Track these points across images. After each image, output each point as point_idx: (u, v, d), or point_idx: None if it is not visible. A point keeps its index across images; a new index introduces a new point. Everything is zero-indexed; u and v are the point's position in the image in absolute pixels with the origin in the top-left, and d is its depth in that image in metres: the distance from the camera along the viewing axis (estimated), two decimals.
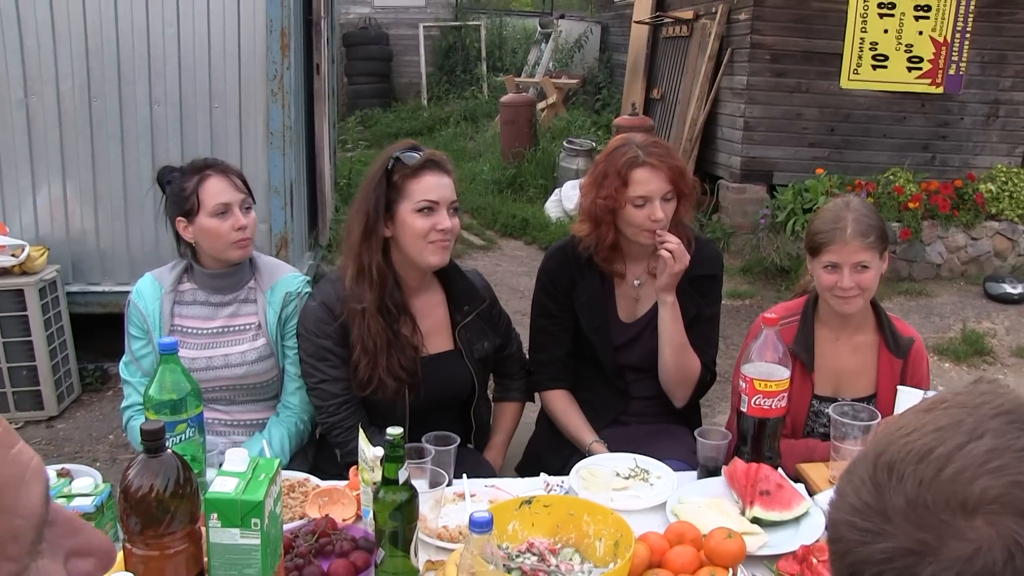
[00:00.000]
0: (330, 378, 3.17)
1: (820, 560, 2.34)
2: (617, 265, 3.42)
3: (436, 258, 3.12)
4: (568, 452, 3.34)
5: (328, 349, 3.16)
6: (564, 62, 17.09)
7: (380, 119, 17.62)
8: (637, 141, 3.31)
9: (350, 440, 3.15)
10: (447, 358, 3.30)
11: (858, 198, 3.31)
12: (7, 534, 0.80)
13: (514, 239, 10.92)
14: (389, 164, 3.09)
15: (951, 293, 9.24)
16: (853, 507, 0.88)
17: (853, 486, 0.90)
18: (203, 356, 3.26)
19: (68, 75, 6.04)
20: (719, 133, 10.55)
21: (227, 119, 6.20)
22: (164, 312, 3.28)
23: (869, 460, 0.90)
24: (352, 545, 2.42)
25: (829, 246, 3.13)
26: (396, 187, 3.08)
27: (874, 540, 0.84)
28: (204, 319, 3.32)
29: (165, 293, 3.30)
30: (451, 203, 3.14)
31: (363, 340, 3.10)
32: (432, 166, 3.11)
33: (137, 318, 3.30)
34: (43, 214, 6.24)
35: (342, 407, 3.19)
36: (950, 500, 0.80)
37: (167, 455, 1.93)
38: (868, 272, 3.13)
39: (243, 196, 3.24)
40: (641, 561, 2.35)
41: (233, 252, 3.25)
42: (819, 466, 3.06)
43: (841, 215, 3.15)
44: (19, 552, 0.81)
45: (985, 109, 10.15)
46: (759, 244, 9.55)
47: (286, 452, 3.27)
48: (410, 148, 3.13)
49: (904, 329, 3.34)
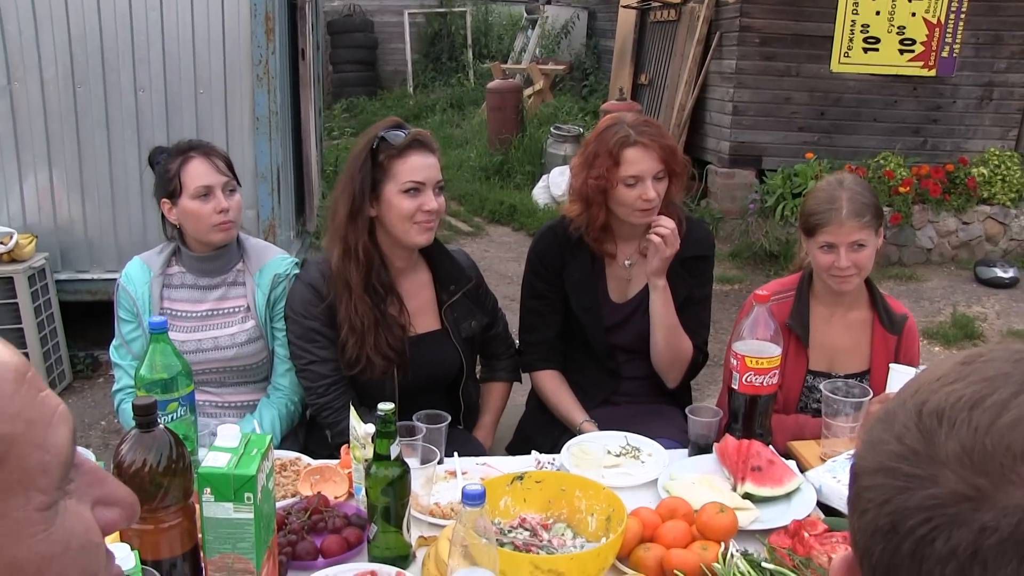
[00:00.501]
0: (319, 359, 3.17)
1: (812, 534, 2.34)
2: (608, 245, 3.41)
3: (422, 238, 3.11)
4: (558, 432, 3.34)
5: (316, 330, 3.16)
6: (551, 48, 17.05)
7: (366, 107, 17.58)
8: (628, 120, 3.29)
9: (340, 421, 3.16)
10: (434, 337, 3.29)
11: (851, 176, 3.30)
12: (37, 467, 0.85)
13: (502, 225, 10.91)
14: (374, 143, 3.07)
15: (941, 277, 9.25)
16: (896, 454, 0.86)
17: (893, 433, 0.88)
18: (193, 339, 3.25)
19: (51, 62, 6.00)
20: (707, 118, 10.53)
21: (213, 105, 6.17)
22: (154, 296, 3.27)
23: (910, 408, 0.88)
24: (344, 521, 2.42)
25: (825, 227, 3.12)
26: (382, 167, 3.06)
27: (922, 486, 0.82)
28: (193, 302, 3.31)
29: (154, 277, 3.29)
30: (436, 183, 3.12)
31: (350, 319, 3.10)
32: (417, 146, 3.08)
33: (126, 302, 3.29)
34: (30, 202, 6.21)
35: (331, 388, 3.19)
36: (1011, 446, 0.79)
37: (159, 430, 1.92)
38: (864, 251, 3.13)
39: (226, 179, 3.22)
40: (633, 536, 2.36)
41: (215, 235, 3.24)
42: (810, 443, 3.07)
43: (835, 195, 3.14)
44: (48, 485, 0.86)
45: (978, 92, 10.12)
46: (748, 229, 9.55)
47: (277, 433, 3.27)
48: (395, 127, 3.11)
49: (896, 306, 3.35)
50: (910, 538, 0.82)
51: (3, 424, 0.82)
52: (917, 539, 0.81)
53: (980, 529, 0.77)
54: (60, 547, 0.87)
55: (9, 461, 0.82)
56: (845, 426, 2.89)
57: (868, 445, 0.91)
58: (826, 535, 2.33)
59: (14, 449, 0.82)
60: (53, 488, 0.87)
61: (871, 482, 0.87)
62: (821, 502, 2.66)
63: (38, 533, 0.85)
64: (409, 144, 3.06)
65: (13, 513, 0.83)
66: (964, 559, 0.78)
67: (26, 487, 0.84)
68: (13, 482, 0.83)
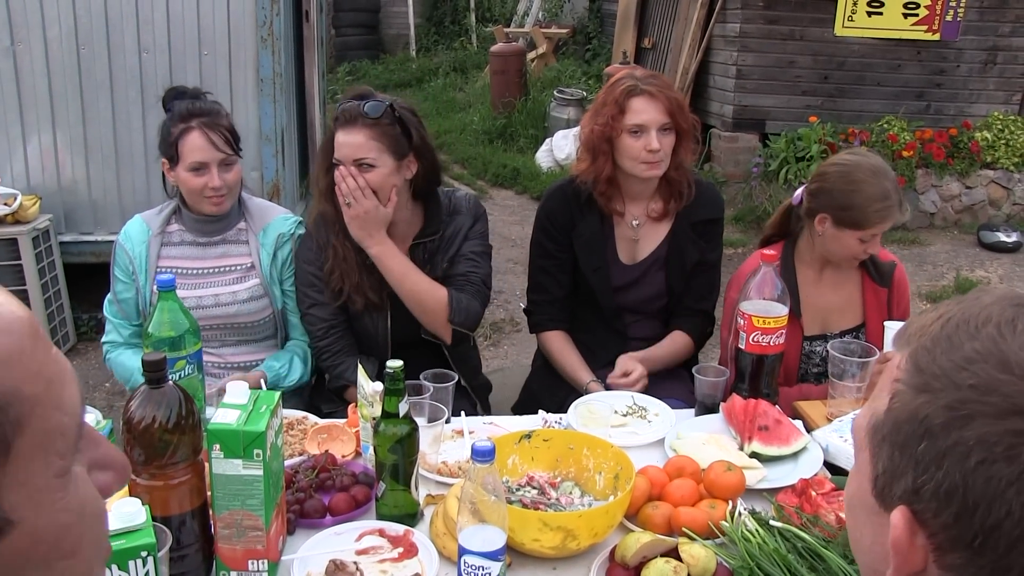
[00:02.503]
0: (317, 302, 3.26)
1: (819, 493, 2.35)
2: (615, 203, 3.40)
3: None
4: (565, 392, 3.34)
5: (314, 274, 3.25)
6: (554, 12, 16.95)
7: (369, 71, 17.50)
8: (636, 74, 3.31)
9: (337, 364, 3.26)
10: None
11: (877, 157, 3.25)
12: (56, 429, 0.82)
13: (505, 189, 10.88)
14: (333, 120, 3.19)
15: (944, 242, 9.23)
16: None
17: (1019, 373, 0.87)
18: (193, 296, 3.26)
19: (55, 22, 5.95)
20: (711, 82, 10.48)
21: (217, 66, 6.14)
22: (151, 255, 3.29)
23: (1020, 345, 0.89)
24: (352, 480, 2.43)
25: (882, 224, 3.12)
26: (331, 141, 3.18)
27: None
28: (193, 259, 3.32)
29: (152, 236, 3.30)
30: (353, 160, 3.10)
31: (335, 253, 3.21)
32: (340, 122, 3.14)
33: (123, 260, 3.30)
34: (34, 163, 6.20)
35: (330, 331, 3.27)
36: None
37: (169, 386, 1.93)
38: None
39: (223, 155, 3.20)
40: (641, 494, 2.36)
41: (206, 207, 3.26)
42: (816, 403, 3.08)
43: (885, 187, 3.11)
44: (66, 449, 0.83)
45: (983, 56, 10.05)
46: (751, 193, 9.52)
47: (297, 368, 3.35)
48: (350, 98, 3.18)
49: (883, 255, 3.36)
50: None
51: (26, 383, 0.78)
52: None
53: None
54: (76, 515, 0.85)
55: (32, 423, 0.78)
56: (852, 385, 2.90)
57: (978, 389, 0.88)
58: (833, 494, 2.34)
59: (36, 410, 0.79)
60: (69, 452, 0.84)
61: (1005, 426, 0.85)
62: (828, 461, 2.67)
63: (57, 501, 0.82)
64: (335, 120, 3.16)
65: (34, 480, 0.80)
66: None
67: (46, 451, 0.81)
68: (35, 446, 0.79)
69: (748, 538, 2.16)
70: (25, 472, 0.79)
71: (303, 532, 2.28)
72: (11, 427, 0.77)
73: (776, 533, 2.18)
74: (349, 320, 3.30)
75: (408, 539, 2.21)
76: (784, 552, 2.11)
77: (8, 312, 0.81)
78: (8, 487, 0.77)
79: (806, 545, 2.13)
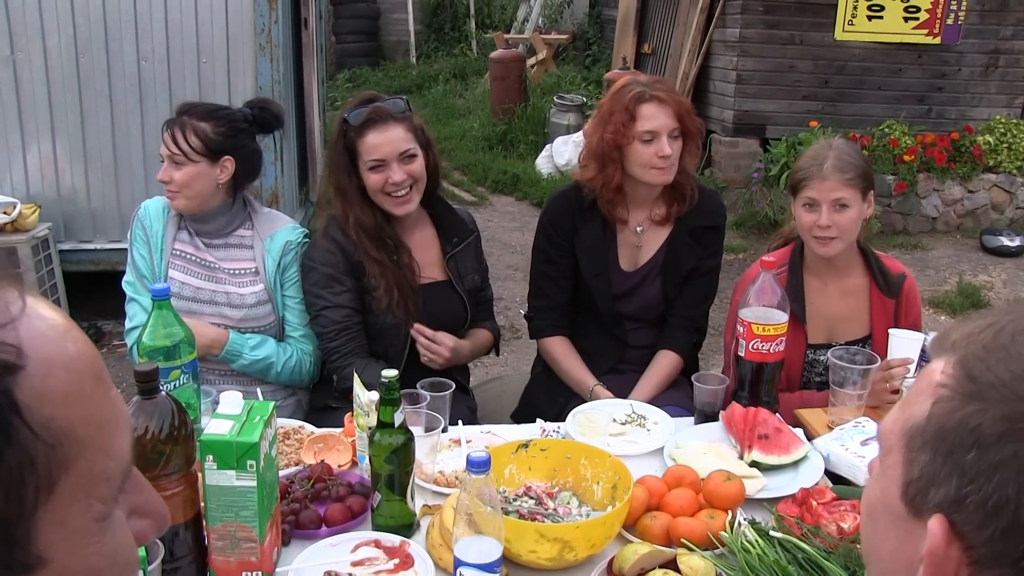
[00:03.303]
0: (332, 304, 3.24)
1: (820, 503, 2.33)
2: (620, 210, 3.39)
3: (398, 210, 3.24)
4: (564, 400, 3.33)
5: (332, 276, 3.24)
6: (553, 18, 16.97)
7: (369, 77, 17.50)
8: (642, 80, 3.31)
9: (345, 366, 3.22)
10: (440, 288, 3.38)
11: (844, 140, 3.28)
12: (101, 474, 0.81)
13: (505, 195, 10.87)
14: (343, 125, 3.22)
15: (947, 246, 9.21)
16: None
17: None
18: (208, 287, 3.28)
19: (54, 31, 5.96)
20: (711, 87, 10.48)
21: (215, 74, 6.14)
22: (167, 236, 3.31)
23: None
24: (348, 490, 2.42)
25: (808, 182, 3.12)
26: (352, 147, 3.21)
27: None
28: (203, 252, 3.34)
29: (171, 217, 3.33)
30: (400, 154, 3.18)
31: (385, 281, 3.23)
32: (373, 123, 3.18)
33: (139, 234, 3.32)
34: (33, 172, 6.20)
35: (340, 333, 3.26)
36: None
37: (162, 397, 1.91)
38: (847, 212, 3.09)
39: (173, 152, 3.19)
40: (639, 504, 2.34)
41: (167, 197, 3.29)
42: (817, 411, 3.05)
43: (823, 153, 3.14)
44: (108, 494, 0.83)
45: (984, 59, 10.05)
46: (752, 198, 9.51)
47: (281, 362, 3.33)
48: (360, 103, 3.24)
49: (894, 266, 3.33)
50: None
51: (78, 425, 0.78)
52: None
53: None
54: (108, 561, 0.84)
55: (78, 465, 0.78)
56: (853, 393, 2.88)
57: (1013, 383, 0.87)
58: (834, 503, 2.32)
59: (84, 453, 0.78)
60: (112, 498, 0.83)
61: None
62: (829, 470, 2.65)
63: (91, 544, 0.82)
64: (365, 122, 3.18)
65: (72, 521, 0.79)
66: None
67: (88, 494, 0.80)
68: (77, 488, 0.78)
69: (748, 549, 2.14)
70: (65, 513, 0.78)
71: (298, 543, 2.26)
72: (57, 467, 0.76)
73: (776, 544, 2.16)
74: (363, 322, 3.30)
75: (404, 550, 2.19)
76: (784, 563, 2.09)
77: (74, 350, 0.81)
78: (46, 525, 0.77)
79: (807, 556, 2.11)
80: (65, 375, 0.78)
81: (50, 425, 0.75)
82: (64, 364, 0.79)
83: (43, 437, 0.75)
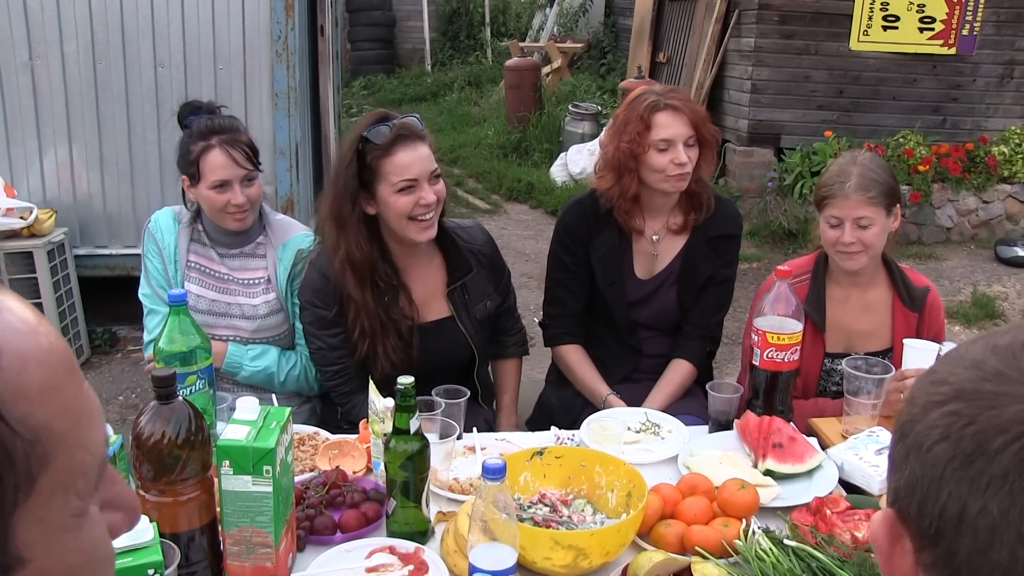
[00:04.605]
0: (327, 346, 3.17)
1: (834, 512, 2.33)
2: (636, 220, 3.39)
3: (422, 236, 3.03)
4: (579, 407, 3.34)
5: (327, 319, 3.13)
6: (569, 27, 16.95)
7: (384, 85, 17.54)
8: (656, 89, 3.31)
9: (346, 403, 3.21)
10: (442, 325, 3.24)
11: (869, 153, 3.27)
12: (79, 468, 0.80)
13: (519, 203, 10.87)
14: (359, 145, 2.98)
15: (961, 257, 9.18)
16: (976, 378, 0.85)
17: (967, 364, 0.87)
18: (222, 300, 3.29)
19: (72, 37, 5.99)
20: (726, 96, 10.46)
21: (232, 81, 6.16)
22: (180, 247, 3.30)
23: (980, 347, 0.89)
24: (363, 496, 2.42)
25: (832, 200, 3.11)
26: (371, 168, 2.98)
27: (1012, 402, 0.81)
28: (217, 264, 3.34)
29: (182, 228, 3.31)
30: (431, 173, 3.00)
31: (360, 324, 3.07)
32: (403, 139, 2.96)
33: (153, 247, 3.32)
34: (50, 177, 6.22)
35: (338, 374, 3.19)
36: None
37: (178, 402, 1.92)
38: (871, 229, 3.08)
39: (244, 171, 3.19)
40: (654, 512, 2.34)
41: (230, 223, 3.26)
42: (831, 421, 3.05)
43: (847, 169, 3.12)
44: (85, 489, 0.82)
45: (999, 70, 10.00)
46: (766, 208, 9.49)
47: (283, 372, 3.32)
48: (378, 121, 2.99)
49: (918, 279, 3.31)
50: (1001, 456, 0.80)
51: (55, 420, 0.77)
52: (1010, 455, 0.79)
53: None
54: (85, 557, 0.83)
55: (56, 461, 0.77)
56: (867, 403, 2.88)
57: (932, 383, 0.90)
58: (848, 512, 2.32)
59: (62, 448, 0.77)
60: (88, 492, 0.82)
61: (945, 410, 0.86)
62: (843, 479, 2.65)
63: (69, 541, 0.80)
64: (395, 140, 2.95)
65: (51, 518, 0.78)
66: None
67: (66, 490, 0.79)
68: (56, 484, 0.77)
69: (762, 557, 2.14)
70: (44, 510, 0.77)
71: (313, 549, 2.27)
72: (37, 463, 0.75)
73: (790, 552, 2.16)
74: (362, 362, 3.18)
75: (419, 557, 2.19)
76: (798, 572, 2.09)
77: (46, 343, 0.80)
78: (24, 523, 0.76)
79: (820, 565, 2.11)
80: (39, 369, 0.77)
81: (27, 420, 0.74)
82: (37, 358, 0.77)
83: (21, 433, 0.74)
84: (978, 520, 0.81)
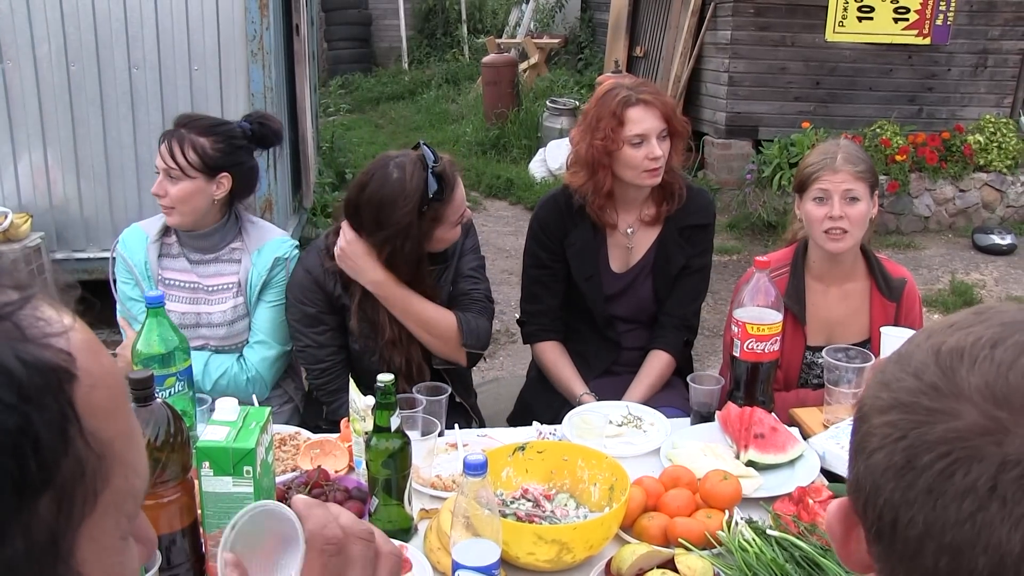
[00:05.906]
0: (315, 344, 3.18)
1: (816, 501, 2.33)
2: (609, 214, 3.39)
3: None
4: (559, 403, 3.33)
5: (315, 317, 3.16)
6: (545, 22, 16.97)
7: (361, 84, 17.51)
8: (626, 84, 3.30)
9: (332, 401, 3.21)
10: None
11: (848, 140, 3.30)
12: (130, 490, 0.80)
13: (499, 199, 10.88)
14: (423, 207, 3.00)
15: (939, 245, 9.23)
16: (914, 390, 0.86)
17: (909, 371, 0.88)
18: (192, 311, 3.24)
19: (44, 40, 5.93)
20: (703, 89, 10.49)
21: (207, 81, 6.12)
22: (151, 261, 3.25)
23: (926, 349, 0.89)
24: (345, 495, 2.41)
25: (820, 174, 3.12)
26: (431, 218, 3.04)
27: (942, 420, 0.82)
28: (188, 273, 3.28)
29: (151, 243, 3.26)
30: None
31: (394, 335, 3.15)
32: (456, 181, 3.09)
33: (124, 269, 3.26)
34: (25, 181, 6.16)
35: (325, 372, 3.21)
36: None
37: (157, 404, 1.91)
38: (858, 205, 3.10)
39: (170, 167, 3.11)
40: (637, 505, 2.35)
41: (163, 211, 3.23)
42: (812, 410, 3.06)
43: (831, 150, 3.17)
44: (132, 512, 0.82)
45: (973, 59, 10.08)
46: (745, 200, 9.52)
47: (212, 377, 3.22)
48: (424, 167, 3.02)
49: (895, 270, 3.33)
50: (927, 473, 0.82)
51: (115, 440, 0.77)
52: (935, 473, 0.81)
53: (1001, 463, 0.78)
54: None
55: (114, 480, 0.77)
56: (847, 392, 2.88)
57: (880, 385, 0.91)
58: (830, 501, 2.32)
59: (118, 468, 0.77)
60: (135, 516, 0.82)
61: (885, 419, 0.88)
62: (825, 468, 2.65)
63: (116, 564, 0.80)
64: (452, 186, 3.07)
65: (104, 537, 0.77)
66: (983, 493, 0.78)
67: (119, 510, 0.79)
68: (111, 504, 0.77)
69: (745, 548, 2.15)
70: (99, 528, 0.77)
71: None
72: (101, 480, 0.76)
73: (773, 542, 2.17)
74: (347, 359, 3.23)
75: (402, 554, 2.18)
76: (781, 562, 2.09)
77: (108, 363, 0.81)
78: (84, 540, 0.76)
79: (803, 554, 2.11)
80: (106, 389, 0.78)
81: (97, 436, 0.75)
82: (104, 378, 0.78)
83: (94, 448, 0.74)
84: (908, 529, 0.84)
